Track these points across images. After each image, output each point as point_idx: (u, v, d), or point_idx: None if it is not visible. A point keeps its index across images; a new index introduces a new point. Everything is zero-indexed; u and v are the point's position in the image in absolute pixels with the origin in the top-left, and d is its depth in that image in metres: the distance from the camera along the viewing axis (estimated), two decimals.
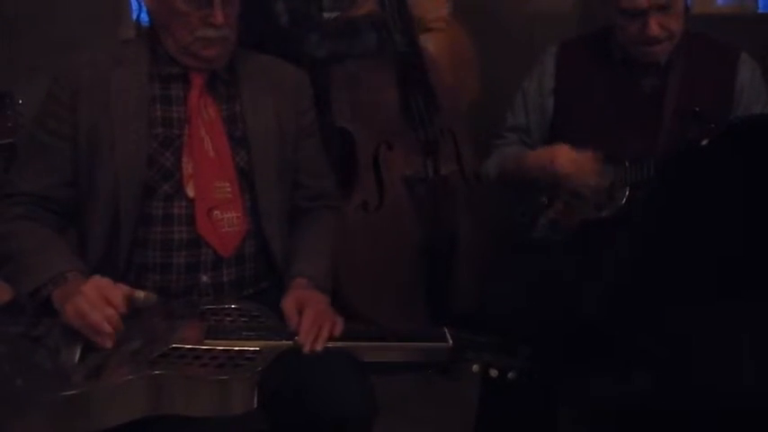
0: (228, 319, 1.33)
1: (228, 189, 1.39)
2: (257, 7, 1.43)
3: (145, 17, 2.27)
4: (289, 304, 1.31)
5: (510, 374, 1.32)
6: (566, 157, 1.57)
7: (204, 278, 1.39)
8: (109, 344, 1.19)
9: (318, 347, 1.24)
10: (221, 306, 1.36)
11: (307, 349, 1.23)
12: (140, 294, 1.24)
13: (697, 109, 1.55)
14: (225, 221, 1.39)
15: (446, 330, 1.34)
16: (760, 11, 2.23)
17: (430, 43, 1.98)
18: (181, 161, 1.37)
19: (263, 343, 1.24)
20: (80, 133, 1.35)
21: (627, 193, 1.58)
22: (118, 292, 1.21)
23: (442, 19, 1.92)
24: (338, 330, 1.28)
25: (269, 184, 1.43)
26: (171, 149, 1.37)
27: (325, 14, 1.91)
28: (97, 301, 1.19)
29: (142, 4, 2.22)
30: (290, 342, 1.25)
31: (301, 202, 1.53)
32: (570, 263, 1.55)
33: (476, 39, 2.12)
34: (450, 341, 1.31)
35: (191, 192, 1.37)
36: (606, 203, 1.60)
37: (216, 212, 1.38)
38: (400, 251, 2.02)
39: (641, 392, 1.43)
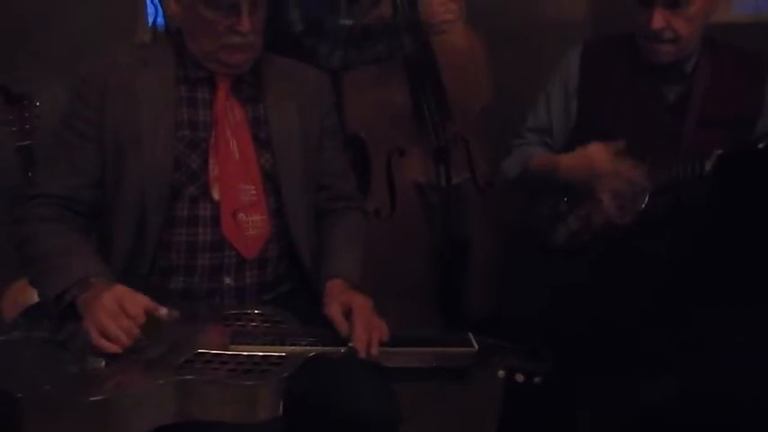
0: (252, 324, 1.32)
1: (253, 191, 1.39)
2: (273, 14, 1.42)
3: (161, 21, 2.30)
4: (335, 310, 1.30)
5: (536, 379, 1.32)
6: (604, 157, 1.57)
7: (227, 280, 1.39)
8: (119, 349, 1.16)
9: (375, 353, 1.23)
10: (244, 311, 1.35)
11: (363, 355, 1.23)
12: (163, 312, 1.22)
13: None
14: (250, 224, 1.38)
15: (470, 335, 1.33)
16: None
17: (442, 48, 1.97)
18: (207, 163, 1.37)
19: (289, 348, 1.24)
20: (107, 134, 1.34)
21: (647, 198, 1.58)
22: (137, 303, 1.20)
23: (449, 22, 1.91)
24: (385, 335, 1.27)
25: (294, 186, 1.43)
26: (197, 151, 1.37)
27: (342, 21, 1.91)
28: (115, 312, 1.17)
29: (158, 7, 2.26)
30: (342, 348, 1.24)
31: (325, 204, 1.52)
32: (593, 267, 1.55)
33: (488, 44, 2.13)
34: (476, 346, 1.31)
35: (216, 194, 1.37)
36: (629, 209, 1.59)
37: (241, 215, 1.37)
38: (412, 258, 2.01)
39: (666, 398, 1.43)
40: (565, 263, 1.65)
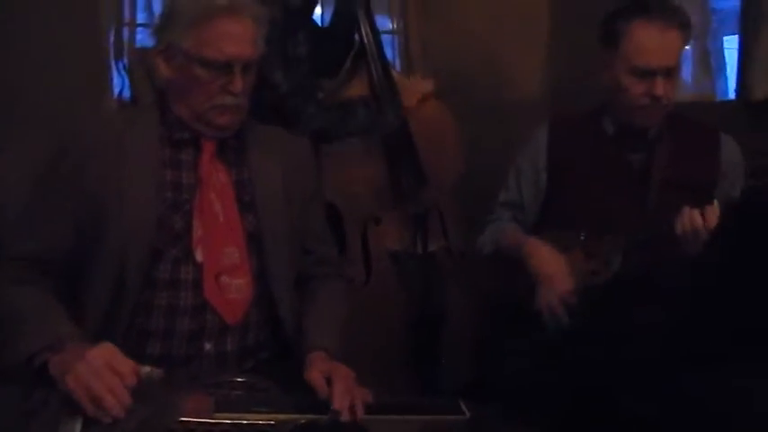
0: (236, 392, 1.26)
1: (237, 254, 1.36)
2: (257, 75, 1.44)
3: (127, 93, 2.30)
4: (315, 375, 1.26)
5: None
6: (544, 263, 1.64)
7: (208, 346, 1.33)
8: (108, 419, 1.09)
9: (359, 415, 1.19)
10: (227, 379, 1.29)
11: (346, 417, 1.18)
12: (146, 369, 1.16)
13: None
14: (233, 287, 1.34)
15: (461, 402, 1.31)
16: (718, 98, 2.39)
17: (416, 120, 2.01)
18: (191, 225, 1.34)
19: (276, 416, 1.18)
20: (87, 194, 1.30)
21: (620, 258, 1.62)
22: (126, 361, 1.13)
23: (418, 99, 1.97)
24: (368, 399, 1.23)
25: (278, 249, 1.40)
26: (180, 213, 1.34)
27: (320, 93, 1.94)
28: (102, 369, 1.10)
29: (125, 79, 2.26)
30: (317, 416, 1.19)
31: (309, 269, 1.50)
32: (578, 331, 1.57)
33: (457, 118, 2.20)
34: (468, 413, 1.28)
35: (199, 256, 1.33)
36: (603, 269, 1.63)
37: (224, 278, 1.34)
38: (387, 327, 1.98)
39: None
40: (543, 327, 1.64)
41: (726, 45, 2.61)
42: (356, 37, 2.03)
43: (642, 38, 1.61)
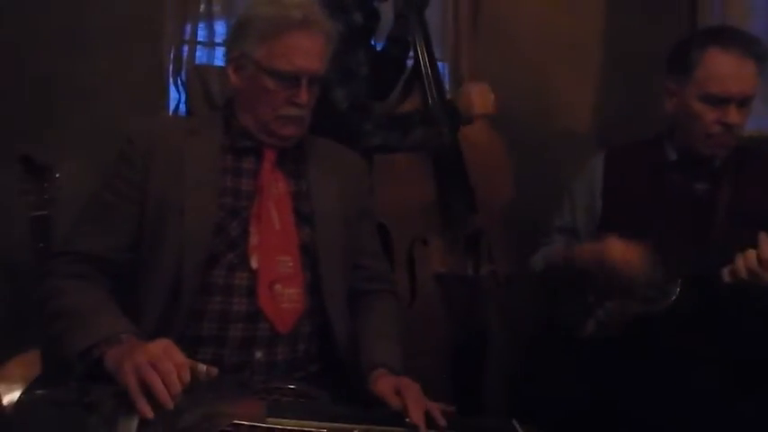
0: (286, 399, 1.25)
1: (291, 264, 1.37)
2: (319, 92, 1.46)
3: (183, 108, 2.35)
4: (384, 387, 1.26)
5: None
6: (616, 247, 1.58)
7: (258, 354, 1.33)
8: (151, 414, 1.07)
9: (442, 423, 1.19)
10: (276, 386, 1.28)
11: (424, 430, 1.17)
12: (203, 367, 1.16)
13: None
14: (285, 296, 1.35)
15: (515, 421, 1.28)
16: None
17: (466, 141, 2.01)
18: (247, 232, 1.35)
19: (329, 425, 1.17)
20: (150, 197, 1.33)
21: (678, 288, 1.57)
22: (183, 355, 1.13)
23: (486, 114, 1.95)
24: (439, 412, 1.22)
25: (332, 262, 1.41)
26: (238, 219, 1.35)
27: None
28: (161, 358, 1.10)
29: (182, 94, 2.31)
30: (373, 426, 1.18)
31: (360, 284, 1.50)
32: (623, 358, 1.53)
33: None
34: None
35: (254, 263, 1.34)
36: (660, 298, 1.58)
37: (277, 286, 1.34)
38: (430, 350, 1.95)
39: None
40: (593, 354, 1.61)
41: None
42: (408, 62, 2.06)
43: (719, 65, 1.60)
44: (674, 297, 1.57)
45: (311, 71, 1.36)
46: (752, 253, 1.45)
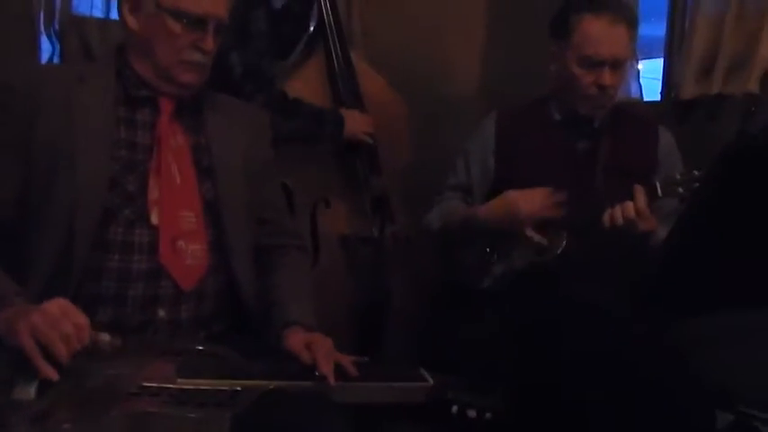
0: (196, 359, 1.20)
1: (193, 219, 1.31)
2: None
3: (57, 61, 2.16)
4: (296, 343, 1.24)
5: (487, 415, 1.30)
6: (522, 198, 1.67)
7: (161, 313, 1.27)
8: (55, 375, 1.02)
9: (353, 373, 1.19)
10: (185, 347, 1.23)
11: (332, 381, 1.16)
12: (105, 337, 1.10)
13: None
14: (189, 253, 1.29)
15: (422, 370, 1.30)
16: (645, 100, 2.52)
17: (370, 105, 2.01)
18: (146, 186, 1.27)
19: (242, 382, 1.13)
20: (36, 149, 1.22)
21: (565, 239, 1.68)
22: (82, 315, 1.06)
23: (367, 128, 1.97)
24: (351, 365, 1.22)
25: (236, 218, 1.36)
26: (135, 174, 1.28)
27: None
28: (60, 319, 1.03)
29: (56, 45, 2.13)
30: (285, 382, 1.16)
31: (265, 239, 1.46)
32: (519, 306, 1.61)
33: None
34: (431, 380, 1.27)
35: (154, 219, 1.27)
36: (548, 249, 1.68)
37: (180, 242, 1.28)
38: (334, 310, 1.95)
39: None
40: (493, 308, 1.67)
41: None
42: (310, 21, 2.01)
43: (592, 30, 1.69)
44: (561, 247, 1.67)
45: (218, 16, 1.30)
46: (629, 204, 1.57)
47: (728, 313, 1.47)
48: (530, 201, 1.67)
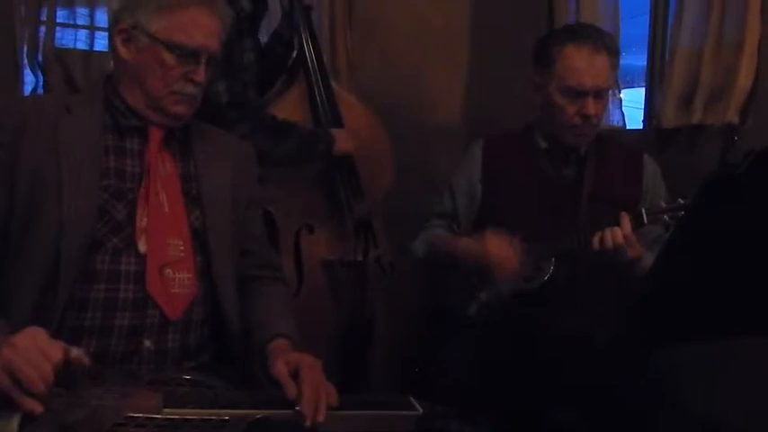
0: (183, 388, 1.18)
1: (182, 247, 1.30)
2: None
3: (42, 92, 2.16)
4: (281, 369, 1.20)
5: None
6: (494, 243, 1.67)
7: (147, 343, 1.25)
8: (38, 408, 1.00)
9: (321, 419, 1.14)
10: (171, 376, 1.21)
11: (309, 422, 1.13)
12: (75, 351, 1.06)
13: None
14: (176, 281, 1.28)
15: (412, 398, 1.29)
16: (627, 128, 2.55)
17: (351, 129, 2.02)
18: (134, 215, 1.27)
19: (229, 411, 1.12)
20: (21, 177, 1.21)
21: (551, 269, 1.69)
22: (57, 347, 1.04)
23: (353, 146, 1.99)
24: (334, 399, 1.18)
25: (223, 246, 1.36)
26: (123, 202, 1.27)
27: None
28: (34, 355, 1.01)
29: (39, 78, 2.12)
30: (273, 411, 1.14)
31: (248, 270, 1.45)
32: (507, 338, 1.60)
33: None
34: (420, 409, 1.26)
35: (142, 247, 1.26)
36: (535, 276, 1.70)
37: (168, 270, 1.27)
38: (317, 337, 1.93)
39: None
40: (480, 335, 1.67)
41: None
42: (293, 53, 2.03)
43: (574, 60, 1.71)
44: (548, 274, 1.69)
45: (210, 49, 1.31)
46: (617, 229, 1.59)
47: (714, 341, 1.48)
48: (503, 251, 1.67)
